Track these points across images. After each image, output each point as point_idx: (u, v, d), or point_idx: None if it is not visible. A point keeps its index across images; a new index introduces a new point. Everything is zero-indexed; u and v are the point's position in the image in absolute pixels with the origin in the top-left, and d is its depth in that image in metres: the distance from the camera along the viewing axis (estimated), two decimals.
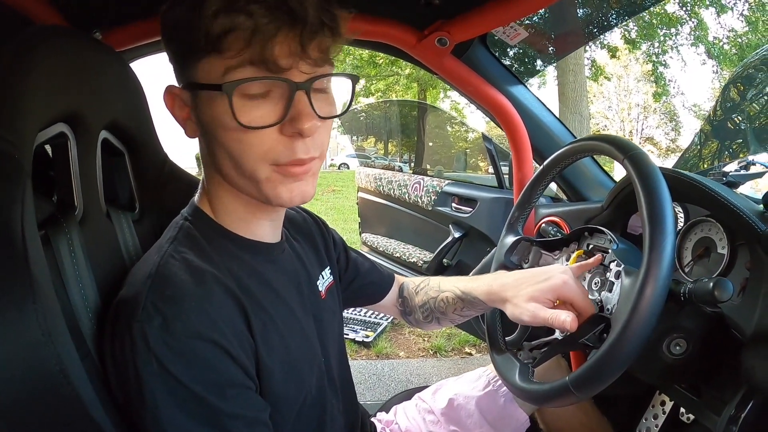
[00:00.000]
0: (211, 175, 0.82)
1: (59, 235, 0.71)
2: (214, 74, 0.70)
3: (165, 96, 0.78)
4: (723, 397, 0.96)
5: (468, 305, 1.13)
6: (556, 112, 1.82)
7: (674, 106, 23.99)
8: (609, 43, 13.54)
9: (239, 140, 0.72)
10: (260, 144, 0.72)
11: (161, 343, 0.66)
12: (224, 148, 0.74)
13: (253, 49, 0.68)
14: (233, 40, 0.67)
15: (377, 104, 5.92)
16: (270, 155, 0.73)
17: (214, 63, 0.69)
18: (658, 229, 0.78)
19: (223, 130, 0.72)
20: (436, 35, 1.34)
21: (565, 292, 0.94)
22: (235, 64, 0.68)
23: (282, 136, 0.72)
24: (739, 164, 1.36)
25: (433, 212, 2.51)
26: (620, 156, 0.91)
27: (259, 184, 0.75)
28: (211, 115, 0.73)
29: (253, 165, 0.73)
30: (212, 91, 0.70)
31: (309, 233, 1.08)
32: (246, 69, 0.69)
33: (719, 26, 13.50)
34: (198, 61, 0.71)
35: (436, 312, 1.20)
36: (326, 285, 1.04)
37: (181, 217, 0.84)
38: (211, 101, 0.72)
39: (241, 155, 0.73)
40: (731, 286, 0.82)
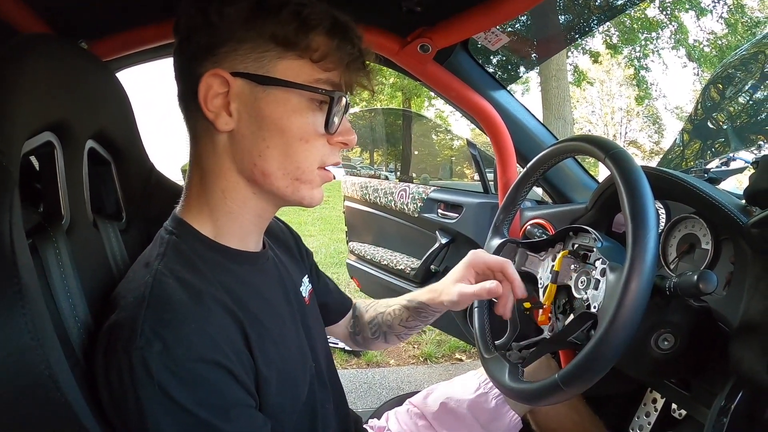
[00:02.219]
0: (226, 175, 0.80)
1: (46, 244, 0.71)
2: (298, 77, 0.76)
3: (204, 80, 0.75)
4: (713, 389, 0.97)
5: (413, 314, 1.18)
6: (540, 118, 1.84)
7: (657, 108, 24.29)
8: (591, 49, 13.68)
9: (307, 141, 0.79)
10: (320, 147, 0.81)
11: (163, 369, 0.64)
12: (284, 146, 0.77)
13: (340, 70, 0.79)
14: (333, 59, 0.77)
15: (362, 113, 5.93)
16: (322, 158, 0.81)
17: (301, 67, 0.76)
18: (640, 225, 0.79)
19: (295, 129, 0.77)
20: (419, 42, 1.35)
21: (477, 261, 1.08)
22: (324, 78, 0.78)
23: (328, 144, 0.82)
24: (720, 161, 1.38)
25: (420, 219, 2.51)
26: (602, 155, 0.92)
27: (302, 184, 0.81)
28: (282, 112, 0.76)
29: (308, 166, 0.80)
30: (290, 90, 0.76)
31: (286, 242, 1.09)
32: (328, 84, 0.78)
33: (699, 29, 13.68)
34: (279, 58, 0.75)
35: (383, 326, 1.23)
36: (308, 291, 1.05)
37: (166, 231, 0.82)
38: (284, 99, 0.76)
39: (302, 155, 0.79)
40: (715, 278, 0.83)
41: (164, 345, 0.65)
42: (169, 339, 0.66)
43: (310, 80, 0.76)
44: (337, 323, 1.26)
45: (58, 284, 0.71)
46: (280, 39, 0.74)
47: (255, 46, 0.74)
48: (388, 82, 16.10)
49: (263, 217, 0.86)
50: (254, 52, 0.75)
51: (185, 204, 0.84)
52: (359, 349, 1.32)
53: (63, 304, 0.71)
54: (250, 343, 0.76)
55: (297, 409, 0.86)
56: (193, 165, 0.83)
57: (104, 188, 0.95)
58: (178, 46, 0.79)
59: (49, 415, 0.60)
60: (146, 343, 0.65)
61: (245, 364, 0.74)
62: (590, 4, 2.03)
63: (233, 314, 0.75)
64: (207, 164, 0.81)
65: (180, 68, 0.79)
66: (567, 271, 1.06)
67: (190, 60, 0.77)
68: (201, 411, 0.66)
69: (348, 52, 0.78)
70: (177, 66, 0.80)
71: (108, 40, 1.25)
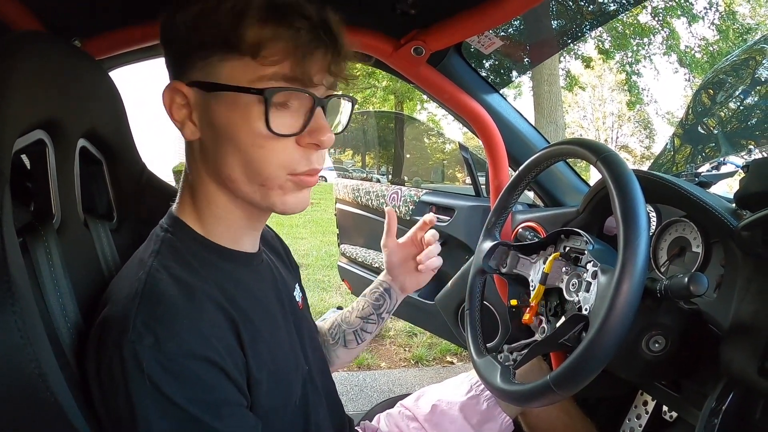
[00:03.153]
0: (204, 181, 0.80)
1: (37, 242, 0.70)
2: (242, 78, 0.71)
3: (165, 93, 0.75)
4: (703, 391, 0.97)
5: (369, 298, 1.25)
6: (533, 122, 1.85)
7: (648, 114, 24.50)
8: (583, 54, 13.72)
9: (261, 146, 0.73)
10: (282, 151, 0.74)
11: (154, 363, 0.64)
12: (240, 153, 0.74)
13: (291, 61, 0.71)
14: (275, 50, 0.70)
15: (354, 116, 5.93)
16: (289, 164, 0.75)
17: (244, 66, 0.70)
18: (631, 227, 0.79)
19: (245, 135, 0.73)
20: (412, 44, 1.35)
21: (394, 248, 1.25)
22: (269, 73, 0.70)
23: (298, 146, 0.75)
24: (711, 165, 1.39)
25: (411, 222, 2.50)
26: (593, 158, 0.93)
27: (269, 191, 0.76)
28: (230, 118, 0.73)
29: (271, 171, 0.74)
30: (236, 93, 0.71)
31: (277, 249, 1.09)
32: (278, 79, 0.71)
33: (691, 35, 13.76)
34: (221, 61, 0.71)
35: (342, 324, 1.25)
36: (300, 297, 1.05)
37: (161, 228, 0.82)
38: (233, 104, 0.72)
39: (259, 160, 0.74)
40: (706, 280, 0.84)
41: (156, 339, 0.65)
42: (161, 334, 0.66)
43: (254, 79, 0.71)
44: None
45: (49, 283, 0.70)
46: (219, 40, 0.70)
47: (202, 53, 0.72)
48: (381, 85, 16.09)
49: (252, 219, 0.85)
50: (201, 58, 0.72)
51: (180, 203, 0.84)
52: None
53: (53, 303, 0.70)
54: (242, 341, 0.75)
55: (289, 411, 0.85)
56: (185, 168, 0.84)
57: (95, 188, 0.95)
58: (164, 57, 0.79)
59: (38, 415, 0.60)
60: (138, 337, 0.64)
61: (237, 362, 0.73)
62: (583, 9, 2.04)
63: (226, 312, 0.75)
64: (191, 169, 0.81)
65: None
66: (558, 274, 1.07)
67: (169, 71, 0.78)
68: (191, 407, 0.66)
69: (291, 39, 0.70)
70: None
71: (101, 39, 1.24)
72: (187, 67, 0.74)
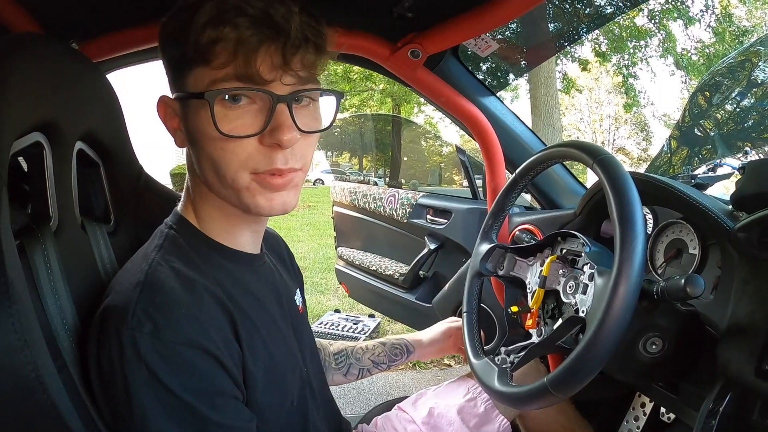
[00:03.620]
0: (196, 185, 0.83)
1: (34, 245, 0.70)
2: (201, 84, 0.72)
3: (158, 105, 0.79)
4: (701, 392, 0.97)
5: (388, 349, 1.29)
6: (529, 125, 1.85)
7: (645, 116, 24.56)
8: (580, 56, 13.75)
9: (221, 149, 0.74)
10: (241, 152, 0.74)
11: (152, 350, 0.65)
12: (207, 157, 0.76)
13: (237, 60, 0.70)
14: (220, 52, 0.70)
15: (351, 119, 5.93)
16: (249, 163, 0.74)
17: (202, 73, 0.72)
18: (628, 229, 0.79)
19: (207, 139, 0.74)
20: (409, 47, 1.35)
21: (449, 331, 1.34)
22: (221, 76, 0.71)
23: (261, 146, 0.74)
24: (707, 167, 1.39)
25: (409, 224, 2.51)
26: (590, 160, 0.93)
27: (239, 193, 0.76)
28: (197, 124, 0.75)
29: (233, 173, 0.75)
30: (199, 101, 0.72)
31: (280, 253, 1.10)
32: (231, 80, 0.71)
33: (687, 38, 13.75)
34: (189, 71, 0.73)
35: (351, 357, 1.28)
36: (301, 302, 1.06)
37: (166, 225, 0.84)
38: (197, 111, 0.74)
39: (221, 163, 0.74)
40: (702, 281, 0.84)
41: (155, 327, 0.66)
42: (160, 321, 0.67)
43: (210, 84, 0.71)
44: None
45: (46, 286, 0.70)
46: (184, 50, 0.72)
47: (178, 65, 0.75)
48: (378, 88, 16.12)
49: (247, 221, 0.86)
50: (178, 71, 0.76)
51: (185, 203, 0.86)
52: None
53: (50, 306, 0.70)
54: (238, 335, 0.76)
55: (285, 410, 0.85)
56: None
57: (93, 190, 0.95)
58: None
59: (34, 418, 0.60)
60: (137, 324, 0.66)
61: (234, 355, 0.74)
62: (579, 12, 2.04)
63: (224, 306, 0.76)
64: (188, 173, 0.85)
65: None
66: (555, 276, 1.07)
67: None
68: (186, 395, 0.67)
69: (234, 38, 0.69)
70: None
71: (99, 41, 1.24)
72: (172, 80, 0.78)
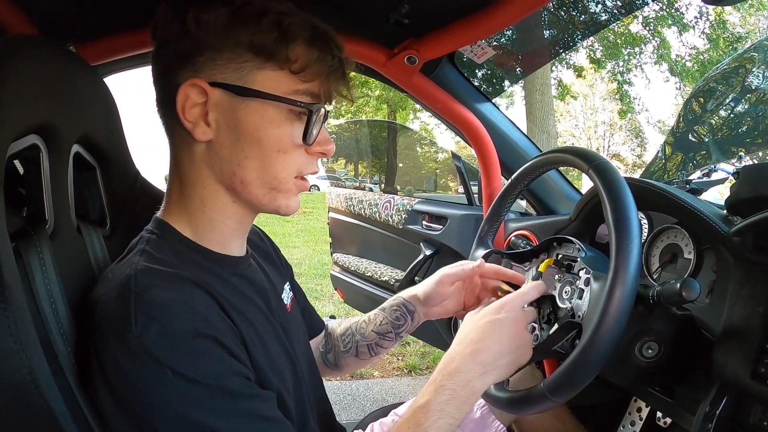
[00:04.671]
0: (206, 183, 0.81)
1: (30, 248, 0.70)
2: (278, 88, 0.76)
3: (184, 89, 0.75)
4: (697, 396, 0.98)
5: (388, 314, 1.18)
6: (525, 131, 1.86)
7: (639, 122, 24.67)
8: (575, 63, 13.81)
9: (285, 152, 0.79)
10: (298, 158, 0.81)
11: (164, 348, 0.65)
12: (262, 157, 0.78)
13: (320, 81, 0.79)
14: (314, 70, 0.77)
15: (347, 125, 5.94)
16: (299, 168, 0.82)
17: (281, 78, 0.76)
18: (623, 234, 0.80)
19: (272, 140, 0.77)
20: (406, 53, 1.36)
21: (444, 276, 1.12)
22: (302, 89, 0.77)
23: (307, 154, 0.82)
24: (702, 172, 1.40)
25: (404, 230, 2.51)
26: (585, 166, 0.93)
27: (279, 194, 0.81)
28: (259, 123, 0.76)
29: (286, 176, 0.80)
30: (267, 101, 0.75)
31: (266, 250, 1.09)
32: (307, 95, 0.78)
33: (682, 44, 13.82)
34: (258, 69, 0.75)
35: (356, 334, 1.21)
36: (290, 298, 1.05)
37: (147, 232, 0.82)
38: (263, 110, 0.76)
39: (279, 166, 0.79)
40: (697, 285, 0.84)
41: (160, 326, 0.66)
42: (163, 320, 0.66)
43: (289, 91, 0.76)
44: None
45: (41, 289, 0.70)
46: (259, 49, 0.74)
47: (234, 56, 0.74)
48: (374, 95, 16.14)
49: (243, 223, 0.87)
50: (233, 62, 0.74)
51: (166, 208, 0.84)
52: (329, 372, 1.26)
53: (46, 309, 0.70)
54: (234, 321, 0.76)
55: (290, 404, 0.85)
56: (173, 172, 0.83)
57: (89, 194, 0.94)
58: (155, 53, 0.79)
59: (29, 421, 0.60)
60: (143, 330, 0.65)
61: (237, 341, 0.75)
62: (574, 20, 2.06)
63: (216, 300, 0.75)
64: (185, 172, 0.81)
65: (158, 76, 0.79)
66: (551, 281, 1.07)
67: (168, 68, 0.77)
68: (208, 379, 0.67)
69: (328, 63, 0.78)
70: (155, 73, 0.80)
71: (97, 45, 1.25)
72: (205, 67, 0.75)
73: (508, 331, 0.87)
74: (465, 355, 0.85)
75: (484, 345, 0.85)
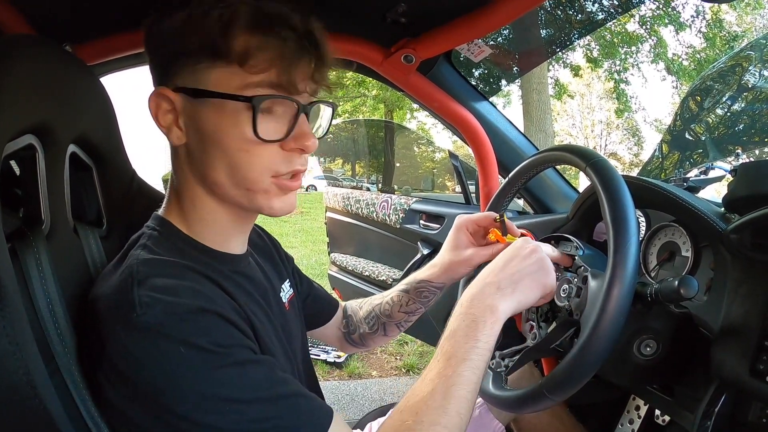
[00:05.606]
0: (190, 185, 0.81)
1: (26, 248, 0.70)
2: (229, 85, 0.73)
3: (151, 98, 0.77)
4: (696, 394, 0.98)
5: (414, 296, 1.19)
6: (522, 130, 1.86)
7: (636, 121, 24.72)
8: (572, 62, 13.82)
9: (247, 151, 0.75)
10: (267, 156, 0.76)
11: (173, 323, 0.65)
12: (226, 158, 0.76)
13: (277, 70, 0.73)
14: (261, 59, 0.72)
15: (344, 125, 5.93)
16: (272, 167, 0.77)
17: (231, 74, 0.73)
18: (621, 232, 0.80)
19: (232, 140, 0.75)
20: (402, 52, 1.36)
21: (466, 222, 1.14)
22: (256, 81, 0.73)
23: (282, 151, 0.78)
24: (699, 170, 1.40)
25: (402, 230, 2.51)
26: (582, 164, 0.93)
27: (255, 195, 0.78)
28: (217, 124, 0.75)
29: (256, 175, 0.77)
30: (223, 100, 0.73)
31: (266, 248, 1.09)
32: (265, 87, 0.73)
33: (678, 43, 13.84)
34: (209, 68, 0.73)
35: (382, 317, 1.23)
36: (288, 297, 1.05)
37: (147, 228, 0.83)
38: (220, 110, 0.74)
39: (243, 166, 0.76)
40: (695, 283, 0.84)
41: (164, 305, 0.66)
42: (167, 299, 0.66)
43: (241, 86, 0.73)
44: (326, 325, 1.26)
45: (38, 290, 0.70)
46: (208, 48, 0.72)
47: (189, 60, 0.74)
48: (371, 94, 16.13)
49: (239, 222, 0.86)
50: (189, 66, 0.74)
51: (167, 207, 0.85)
52: (355, 349, 1.31)
53: (42, 310, 0.69)
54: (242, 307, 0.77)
55: None
56: (171, 172, 0.85)
57: (85, 194, 0.94)
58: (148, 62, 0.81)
59: (25, 423, 0.59)
60: (148, 309, 0.65)
61: (243, 321, 0.75)
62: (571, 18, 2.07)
63: (220, 285, 0.76)
64: (176, 174, 0.83)
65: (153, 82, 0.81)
66: None
67: (152, 75, 0.80)
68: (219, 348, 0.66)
69: (277, 49, 0.72)
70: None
71: (93, 44, 1.24)
72: (173, 73, 0.76)
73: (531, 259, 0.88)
74: (485, 281, 0.85)
75: (507, 270, 0.86)
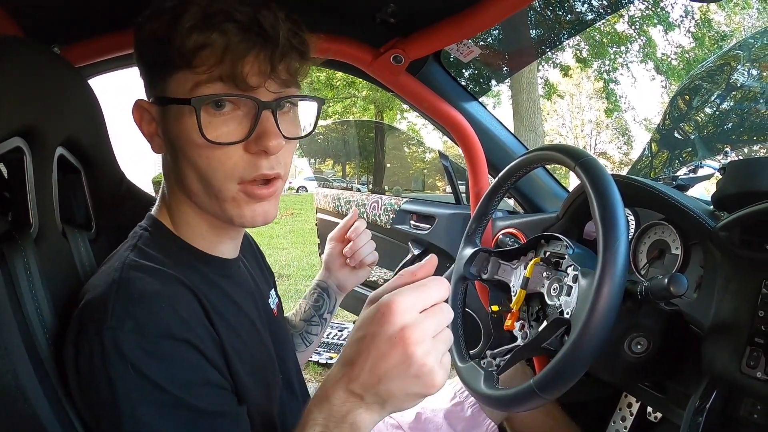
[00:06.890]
0: (174, 193, 0.82)
1: (14, 252, 0.69)
2: (183, 89, 0.71)
3: (133, 110, 0.77)
4: (687, 390, 0.98)
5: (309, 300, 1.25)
6: (512, 130, 1.87)
7: (626, 121, 24.73)
8: (561, 62, 13.85)
9: (206, 156, 0.73)
10: (226, 160, 0.73)
11: (135, 346, 0.63)
12: (191, 165, 0.74)
13: (223, 66, 0.70)
14: (205, 56, 0.69)
15: (334, 126, 5.93)
16: (236, 172, 0.74)
17: (184, 78, 0.71)
18: (610, 230, 0.80)
19: (191, 146, 0.73)
20: (392, 53, 1.36)
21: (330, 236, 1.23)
22: (204, 80, 0.70)
23: (246, 154, 0.74)
24: (688, 168, 1.41)
25: (392, 230, 2.51)
26: (572, 163, 0.94)
27: (224, 204, 0.76)
28: (179, 130, 0.73)
29: (220, 182, 0.74)
30: (181, 106, 0.71)
31: (254, 254, 1.09)
32: (216, 85, 0.70)
33: (667, 43, 13.90)
34: (169, 75, 0.72)
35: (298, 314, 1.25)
36: (276, 303, 1.05)
37: (140, 227, 0.83)
38: (179, 116, 0.72)
39: (207, 172, 0.74)
40: (685, 280, 0.85)
41: (135, 323, 0.64)
42: (140, 316, 0.65)
43: (192, 88, 0.71)
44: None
45: (26, 294, 0.69)
46: (162, 55, 0.71)
47: (159, 69, 0.74)
48: (361, 95, 16.11)
49: (222, 230, 0.85)
50: (158, 74, 0.74)
51: (160, 207, 0.85)
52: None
53: (31, 314, 0.69)
54: (218, 332, 0.75)
55: (273, 411, 0.85)
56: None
57: (74, 197, 0.93)
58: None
59: (15, 427, 0.59)
60: (118, 323, 0.64)
61: (216, 347, 0.73)
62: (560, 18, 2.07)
63: (200, 301, 0.74)
64: (164, 180, 0.84)
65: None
66: (539, 279, 1.07)
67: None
68: (174, 388, 0.65)
69: (221, 43, 0.69)
70: None
71: (81, 46, 1.23)
72: (149, 83, 0.77)
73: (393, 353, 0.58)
74: (336, 381, 0.62)
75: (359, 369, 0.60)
